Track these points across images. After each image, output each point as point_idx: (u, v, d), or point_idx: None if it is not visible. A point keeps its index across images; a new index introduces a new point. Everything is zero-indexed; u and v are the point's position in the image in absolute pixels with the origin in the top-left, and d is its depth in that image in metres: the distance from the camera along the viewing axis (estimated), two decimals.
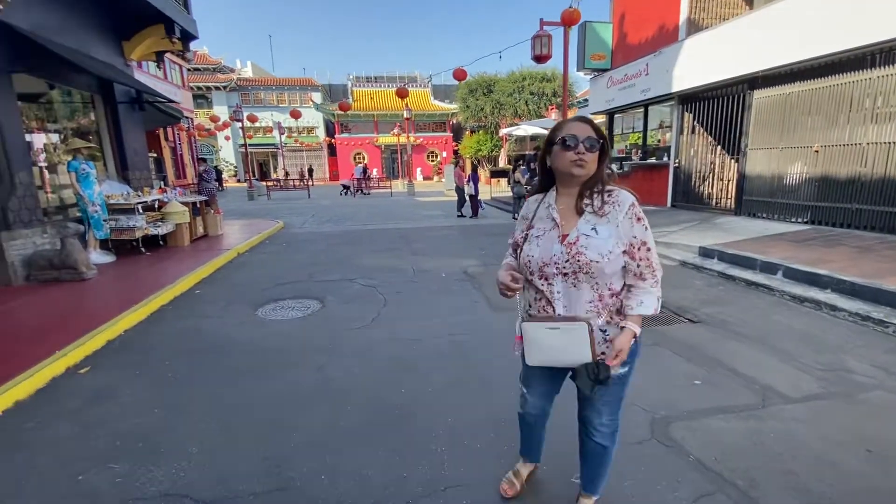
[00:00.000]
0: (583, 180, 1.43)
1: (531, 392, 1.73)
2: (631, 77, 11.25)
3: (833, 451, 2.21)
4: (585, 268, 1.37)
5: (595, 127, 1.42)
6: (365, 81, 37.27)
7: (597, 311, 1.44)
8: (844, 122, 6.83)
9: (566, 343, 1.42)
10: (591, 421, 1.63)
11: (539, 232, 1.47)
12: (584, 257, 1.37)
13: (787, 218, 7.82)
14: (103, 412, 2.72)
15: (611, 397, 1.57)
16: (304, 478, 2.09)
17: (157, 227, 7.27)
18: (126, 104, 8.15)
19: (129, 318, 4.20)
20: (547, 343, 1.44)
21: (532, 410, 1.77)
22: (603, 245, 1.36)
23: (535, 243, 1.46)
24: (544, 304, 1.48)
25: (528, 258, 1.46)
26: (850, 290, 4.30)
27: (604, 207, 1.40)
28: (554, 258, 1.41)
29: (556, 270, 1.41)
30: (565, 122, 1.45)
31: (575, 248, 1.38)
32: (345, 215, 13.27)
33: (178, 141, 20.51)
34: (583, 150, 1.37)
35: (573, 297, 1.42)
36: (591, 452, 1.69)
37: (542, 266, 1.42)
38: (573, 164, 1.39)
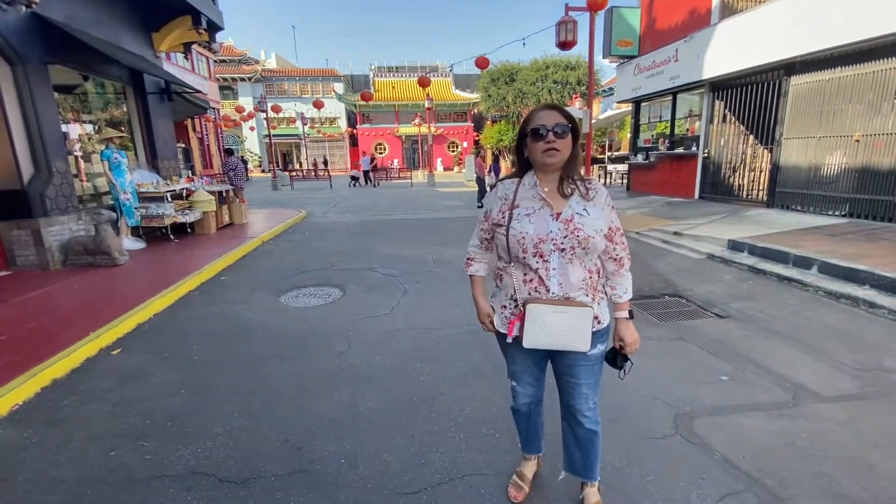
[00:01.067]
0: (559, 166, 1.46)
1: (521, 383, 1.75)
2: (659, 64, 10.88)
3: (870, 453, 2.11)
4: (584, 243, 1.41)
5: (564, 112, 1.45)
6: (386, 71, 37.21)
7: (585, 290, 1.48)
8: (888, 110, 6.45)
9: (570, 326, 1.45)
10: (579, 408, 1.65)
11: (528, 210, 1.47)
12: (582, 233, 1.41)
13: (823, 211, 7.47)
14: (134, 392, 2.82)
15: (593, 379, 1.62)
16: (325, 461, 2.13)
17: (185, 214, 7.47)
18: (155, 95, 8.35)
19: (158, 302, 4.33)
20: (551, 326, 1.46)
21: (525, 400, 1.78)
22: (595, 223, 1.44)
23: (528, 220, 1.46)
24: (536, 283, 1.48)
25: (522, 235, 1.45)
26: (890, 287, 4.08)
27: (589, 192, 1.48)
28: (551, 234, 1.43)
29: (554, 246, 1.43)
30: (534, 111, 1.47)
31: (572, 225, 1.42)
32: (366, 205, 13.35)
33: (206, 132, 20.98)
34: (552, 139, 1.41)
35: (568, 274, 1.45)
36: (583, 440, 1.70)
37: (538, 242, 1.43)
38: (545, 154, 1.42)
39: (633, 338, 1.58)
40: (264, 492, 1.94)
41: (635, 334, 1.59)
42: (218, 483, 2.00)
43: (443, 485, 1.96)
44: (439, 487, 1.94)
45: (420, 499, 1.88)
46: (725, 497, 1.85)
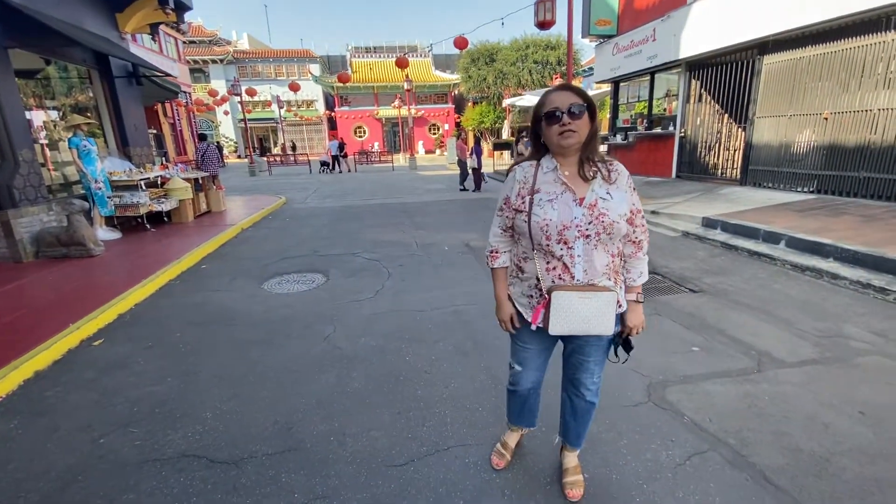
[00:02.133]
0: (576, 147, 1.42)
1: (527, 368, 1.73)
2: (637, 43, 10.92)
3: (825, 412, 2.28)
4: (609, 228, 1.39)
5: (579, 91, 1.40)
6: (364, 52, 36.38)
7: (609, 274, 1.47)
8: (855, 88, 6.66)
9: (596, 312, 1.43)
10: (584, 382, 1.67)
11: (550, 196, 1.43)
12: (607, 218, 1.38)
13: (792, 187, 7.74)
14: (119, 381, 2.82)
15: (601, 356, 1.64)
16: (314, 439, 2.19)
17: (161, 203, 7.31)
18: (123, 79, 8.05)
19: (138, 292, 4.28)
20: (577, 312, 1.43)
21: (528, 385, 1.77)
22: (619, 207, 1.41)
23: (550, 206, 1.41)
24: (560, 271, 1.45)
25: (546, 222, 1.41)
26: (852, 259, 4.31)
27: (611, 175, 1.44)
28: (575, 220, 1.39)
29: (578, 233, 1.39)
30: (548, 93, 1.43)
31: (597, 210, 1.39)
32: (346, 190, 13.23)
33: (178, 117, 20.31)
34: (568, 120, 1.37)
35: (593, 260, 1.42)
36: (581, 411, 1.74)
37: (562, 229, 1.39)
38: (562, 137, 1.39)
39: (637, 321, 1.57)
40: (256, 470, 2.00)
41: (641, 317, 1.58)
42: (210, 464, 2.05)
43: (429, 456, 2.05)
44: (426, 459, 2.03)
45: (407, 470, 1.97)
46: (692, 456, 1.99)
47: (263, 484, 1.92)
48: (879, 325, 3.26)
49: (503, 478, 1.91)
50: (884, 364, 2.73)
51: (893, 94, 6.20)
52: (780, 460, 1.96)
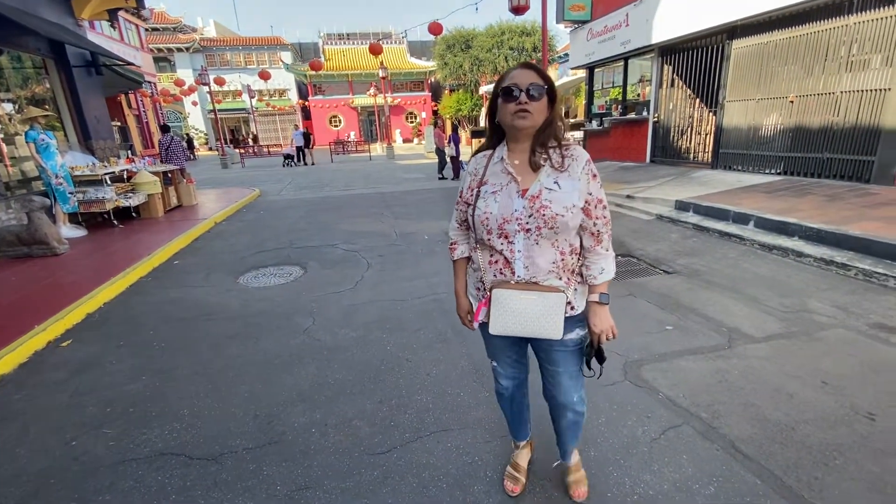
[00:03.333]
0: (530, 132, 1.32)
1: (501, 363, 1.63)
2: (611, 28, 10.98)
3: (790, 384, 2.39)
4: (550, 222, 1.28)
5: (540, 72, 1.30)
6: (337, 39, 35.57)
7: (557, 273, 1.35)
8: (819, 72, 6.86)
9: (540, 314, 1.34)
10: (563, 400, 1.56)
11: (494, 188, 1.35)
12: (549, 211, 1.27)
13: (761, 169, 7.97)
14: (90, 382, 2.73)
15: (572, 368, 1.51)
16: (295, 431, 2.18)
17: (128, 198, 7.05)
18: (81, 68, 7.68)
19: (107, 290, 4.14)
20: (518, 311, 1.35)
21: (506, 382, 1.66)
22: (567, 198, 1.29)
23: (493, 199, 1.33)
24: (501, 265, 1.37)
25: (486, 215, 1.33)
26: (816, 237, 4.48)
27: (563, 162, 1.32)
28: (515, 213, 1.30)
29: (519, 227, 1.30)
30: (509, 70, 1.33)
31: (539, 202, 1.28)
32: (323, 181, 13.02)
33: (143, 108, 19.52)
34: (525, 100, 1.26)
35: (535, 257, 1.32)
36: (567, 428, 1.63)
37: (503, 223, 1.31)
38: (516, 116, 1.28)
39: (604, 325, 1.40)
40: (236, 465, 1.97)
41: (608, 321, 1.40)
42: (188, 461, 2.01)
43: (412, 443, 2.06)
44: (408, 445, 2.05)
45: (390, 457, 1.98)
46: (667, 431, 2.06)
47: (244, 478, 1.90)
48: (841, 299, 3.41)
49: (485, 461, 1.94)
50: (845, 336, 2.86)
51: (855, 76, 6.42)
52: (749, 430, 2.04)
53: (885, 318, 3.07)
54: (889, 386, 2.32)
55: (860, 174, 6.46)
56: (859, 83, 6.36)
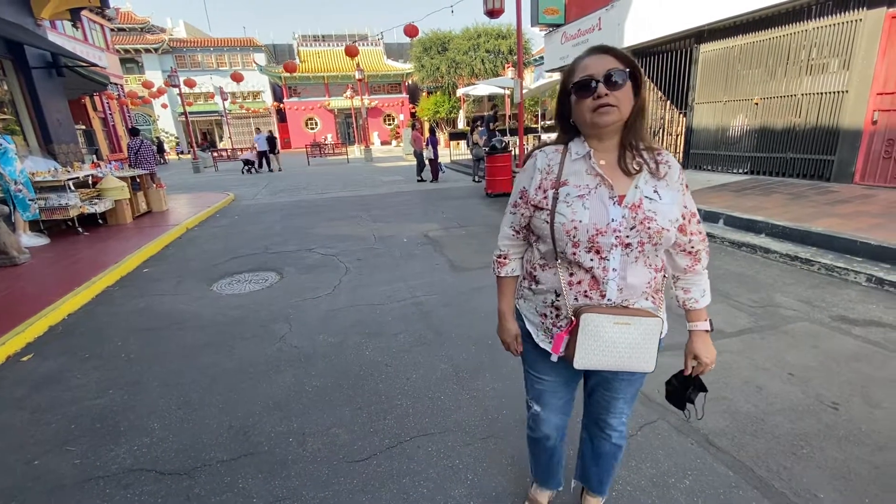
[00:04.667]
0: (616, 129, 1.11)
1: (547, 408, 1.38)
2: (584, 32, 11.18)
3: (760, 376, 2.46)
4: (656, 237, 1.07)
5: (619, 54, 1.08)
6: (312, 41, 35.15)
7: (648, 295, 1.16)
8: (782, 75, 7.15)
9: (636, 342, 1.13)
10: (610, 423, 1.39)
11: (580, 190, 1.11)
12: (654, 224, 1.07)
13: (729, 169, 8.24)
14: (53, 397, 2.61)
15: (633, 392, 1.34)
16: (272, 441, 2.13)
17: (94, 204, 6.78)
18: (42, 70, 7.37)
19: (71, 301, 3.97)
20: (612, 342, 1.13)
21: (548, 430, 1.41)
22: (669, 211, 1.09)
23: (581, 204, 1.09)
24: (587, 287, 1.13)
25: (574, 224, 1.08)
26: (781, 234, 4.65)
27: (659, 168, 1.11)
28: (613, 224, 1.07)
29: (617, 240, 1.08)
30: (578, 59, 1.10)
31: (641, 213, 1.07)
32: (299, 185, 12.82)
33: (109, 111, 18.84)
34: (605, 91, 1.04)
35: (630, 276, 1.11)
36: (605, 455, 1.45)
37: (596, 234, 1.08)
38: (596, 113, 1.06)
39: (712, 355, 1.23)
40: (210, 479, 1.91)
41: (713, 352, 1.24)
42: (159, 477, 1.94)
43: (391, 448, 2.04)
44: (388, 451, 2.02)
45: (370, 464, 1.95)
46: (643, 427, 2.10)
47: (219, 491, 1.84)
48: (805, 293, 3.55)
49: (466, 464, 1.94)
50: (810, 329, 2.98)
51: (814, 79, 6.71)
52: (721, 423, 2.10)
53: (847, 310, 3.21)
54: (851, 376, 2.42)
55: (821, 173, 6.75)
56: (819, 86, 6.65)
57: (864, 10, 5.95)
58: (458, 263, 4.71)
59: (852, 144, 6.25)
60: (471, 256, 4.94)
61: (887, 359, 2.57)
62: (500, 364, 2.69)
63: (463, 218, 7.07)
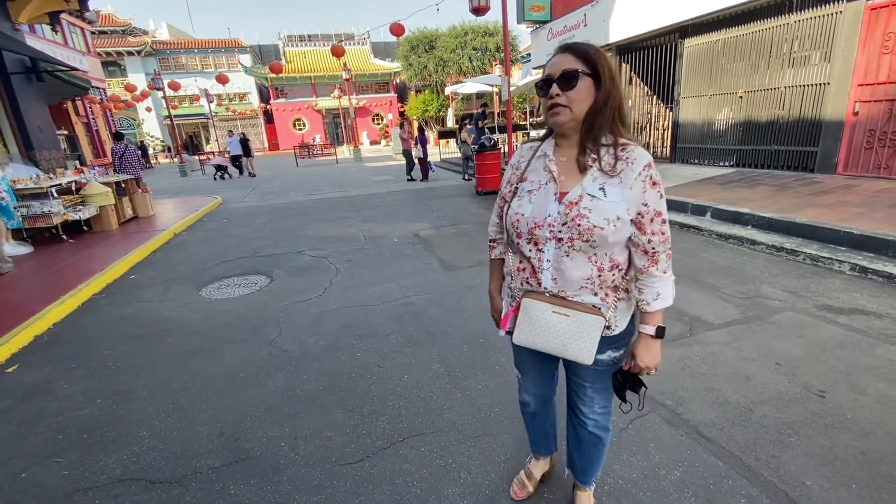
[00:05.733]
0: (572, 128, 1.15)
1: (525, 377, 1.53)
2: (570, 28, 11.22)
3: (748, 367, 2.50)
4: (586, 234, 1.11)
5: (578, 52, 1.11)
6: (298, 41, 34.86)
7: (592, 289, 1.19)
8: (765, 68, 7.24)
9: (572, 334, 1.19)
10: (583, 410, 1.43)
11: (532, 186, 1.21)
12: (586, 221, 1.10)
13: (715, 162, 8.33)
14: (39, 408, 2.57)
15: (603, 384, 1.37)
16: (264, 447, 2.11)
17: (78, 211, 6.67)
18: (20, 75, 7.23)
19: (57, 310, 3.90)
20: (548, 326, 1.21)
21: (528, 397, 1.56)
22: (611, 209, 1.10)
23: (528, 199, 1.20)
24: (528, 274, 1.24)
25: (517, 217, 1.20)
26: (767, 225, 4.71)
27: (616, 165, 1.12)
28: (549, 219, 1.15)
29: (550, 234, 1.15)
30: (549, 56, 1.17)
31: (576, 210, 1.12)
32: (288, 186, 12.73)
33: (92, 115, 18.53)
34: (556, 91, 1.10)
35: (566, 270, 1.17)
36: (585, 443, 1.49)
37: (533, 227, 1.17)
38: (549, 113, 1.14)
39: (651, 361, 1.23)
40: (201, 486, 1.89)
41: (657, 357, 1.23)
42: (149, 486, 1.92)
43: (384, 450, 2.03)
44: (381, 453, 2.02)
45: (363, 466, 1.95)
46: (633, 420, 2.11)
47: (210, 499, 1.82)
48: (791, 283, 3.60)
49: (459, 463, 1.94)
50: (795, 319, 3.02)
51: (797, 72, 6.80)
52: (711, 414, 2.12)
53: (831, 299, 3.26)
54: (836, 364, 2.46)
55: (805, 164, 6.85)
56: (801, 78, 6.74)
57: (844, 2, 6.05)
58: (449, 262, 4.71)
59: (835, 136, 6.35)
60: (462, 255, 4.94)
61: (871, 346, 2.62)
62: (492, 362, 2.70)
63: (453, 217, 7.07)
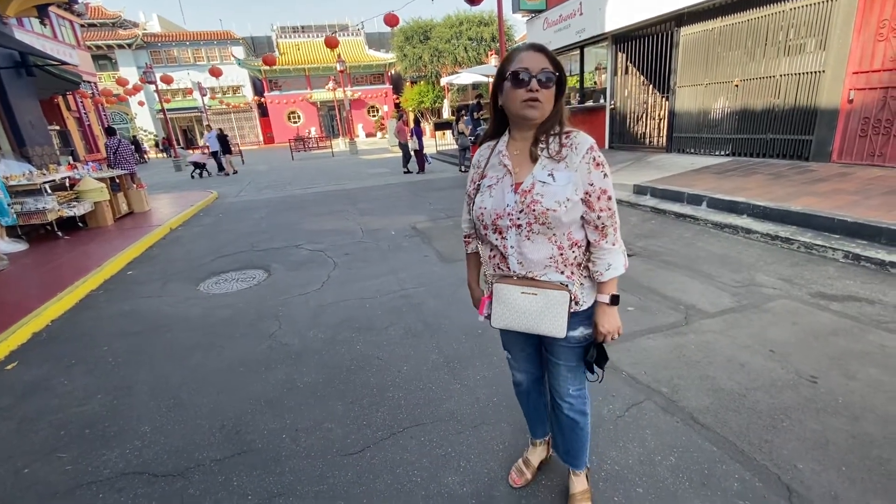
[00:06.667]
0: (538, 122, 1.25)
1: (514, 356, 1.61)
2: (566, 17, 11.14)
3: (742, 354, 2.53)
4: (542, 217, 1.21)
5: (551, 56, 1.21)
6: (291, 32, 34.49)
7: (556, 267, 1.29)
8: (761, 56, 7.22)
9: (542, 310, 1.29)
10: (559, 391, 1.50)
11: (491, 181, 1.32)
12: (539, 206, 1.21)
13: (711, 151, 8.34)
14: (40, 405, 2.58)
15: (575, 361, 1.43)
16: (265, 439, 2.13)
17: (72, 207, 6.63)
18: (10, 70, 7.13)
19: (54, 307, 3.90)
20: (519, 306, 1.32)
21: (520, 376, 1.64)
22: (560, 192, 1.21)
23: (488, 193, 1.31)
24: (498, 260, 1.35)
25: (481, 210, 1.31)
26: (762, 214, 4.74)
27: (561, 151, 1.23)
28: (507, 209, 1.26)
29: (510, 222, 1.26)
30: (516, 51, 1.22)
31: (530, 197, 1.22)
32: (285, 180, 12.67)
33: (84, 110, 18.34)
34: (536, 87, 1.17)
35: (528, 252, 1.27)
36: (563, 425, 1.55)
37: (496, 218, 1.28)
38: (525, 105, 1.20)
39: (611, 326, 1.33)
40: (204, 478, 1.92)
41: (615, 322, 1.34)
42: (153, 479, 1.94)
43: (384, 440, 2.06)
44: (382, 443, 2.04)
45: (364, 456, 1.97)
46: (630, 408, 2.15)
47: (213, 491, 1.85)
48: (785, 271, 3.63)
49: (458, 452, 1.97)
50: (790, 306, 3.06)
51: (792, 60, 6.78)
52: (706, 401, 2.16)
53: (825, 286, 3.30)
54: (829, 349, 2.50)
55: (800, 153, 6.87)
56: (797, 66, 6.73)
57: None
58: (446, 254, 4.72)
59: (829, 124, 6.36)
60: (459, 247, 4.95)
61: (863, 332, 2.66)
62: (490, 353, 2.72)
63: (450, 209, 7.06)
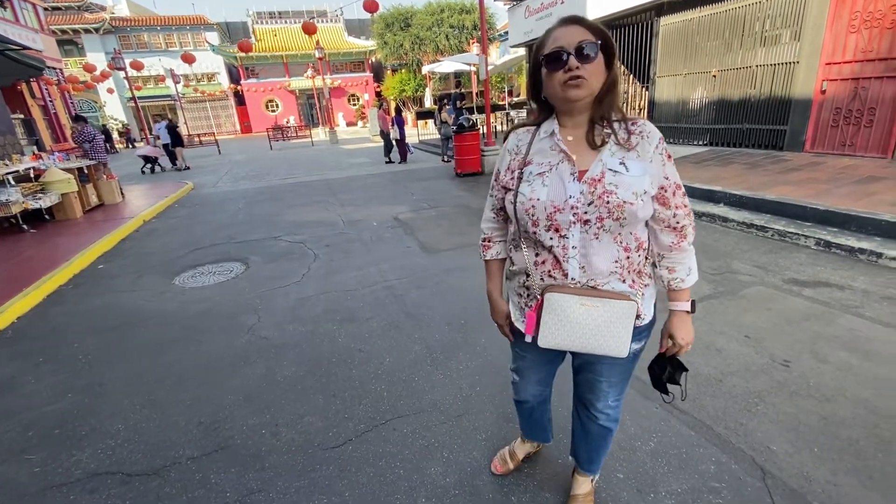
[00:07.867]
0: (587, 103, 1.07)
1: (525, 380, 1.46)
2: (547, 6, 11.08)
3: (719, 340, 2.58)
4: (616, 212, 1.02)
5: (589, 25, 1.03)
6: (268, 18, 33.50)
7: (620, 274, 1.10)
8: (738, 47, 7.32)
9: (603, 326, 1.10)
10: (595, 404, 1.36)
11: (542, 168, 1.10)
12: (614, 198, 1.02)
13: (690, 141, 8.46)
14: (6, 405, 2.47)
15: (619, 377, 1.31)
16: (244, 434, 2.09)
17: (37, 199, 6.35)
18: None
19: (20, 303, 3.74)
20: (577, 321, 1.10)
21: (526, 398, 1.52)
22: (636, 183, 1.03)
23: (540, 182, 1.08)
24: (550, 266, 1.12)
25: (532, 203, 1.08)
26: (738, 203, 4.84)
27: (630, 139, 1.06)
28: (570, 201, 1.05)
29: (574, 217, 1.05)
30: (549, 30, 1.06)
31: (601, 187, 1.03)
32: (263, 170, 12.39)
33: (49, 97, 17.51)
34: (576, 64, 1.00)
35: (593, 254, 1.08)
36: (593, 435, 1.44)
37: (553, 212, 1.06)
38: (567, 86, 1.02)
39: (690, 336, 1.20)
40: (180, 476, 1.87)
41: (691, 333, 1.21)
42: (126, 479, 1.88)
43: (367, 433, 2.04)
44: (364, 436, 2.03)
45: (346, 450, 1.95)
46: None
47: (190, 489, 1.80)
48: (760, 258, 3.72)
49: (441, 442, 1.96)
50: (764, 293, 3.13)
51: (768, 51, 6.90)
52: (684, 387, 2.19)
53: (798, 273, 3.39)
54: (801, 334, 2.58)
55: (775, 142, 7.02)
56: (772, 57, 6.85)
57: None
58: (429, 245, 4.69)
59: (803, 114, 6.51)
60: (442, 238, 4.92)
61: (834, 317, 2.74)
62: (473, 343, 2.72)
63: (433, 199, 7.02)
